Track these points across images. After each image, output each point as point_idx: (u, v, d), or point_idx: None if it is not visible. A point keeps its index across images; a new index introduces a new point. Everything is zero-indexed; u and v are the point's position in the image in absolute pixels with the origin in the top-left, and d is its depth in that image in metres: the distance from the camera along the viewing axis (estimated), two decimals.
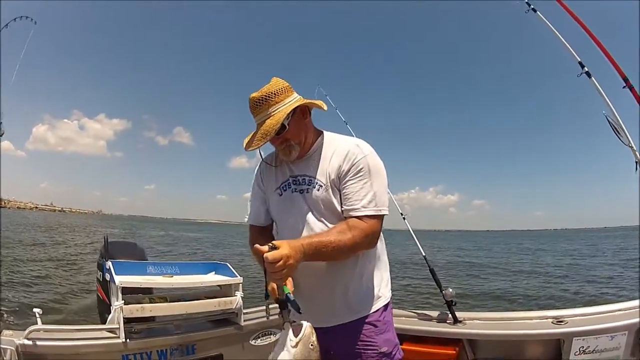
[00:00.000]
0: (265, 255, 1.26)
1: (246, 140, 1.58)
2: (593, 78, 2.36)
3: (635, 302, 2.30)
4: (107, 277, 2.45)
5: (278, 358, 1.23)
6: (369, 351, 1.60)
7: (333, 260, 1.50)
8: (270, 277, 1.31)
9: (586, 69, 2.39)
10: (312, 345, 1.23)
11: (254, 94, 1.52)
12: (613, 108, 2.25)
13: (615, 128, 2.22)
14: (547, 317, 2.40)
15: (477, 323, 2.52)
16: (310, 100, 1.59)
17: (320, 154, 1.63)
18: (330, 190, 1.56)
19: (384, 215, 1.55)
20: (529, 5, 2.70)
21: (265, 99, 1.51)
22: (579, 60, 2.41)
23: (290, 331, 1.25)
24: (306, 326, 1.25)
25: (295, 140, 1.57)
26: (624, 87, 2.23)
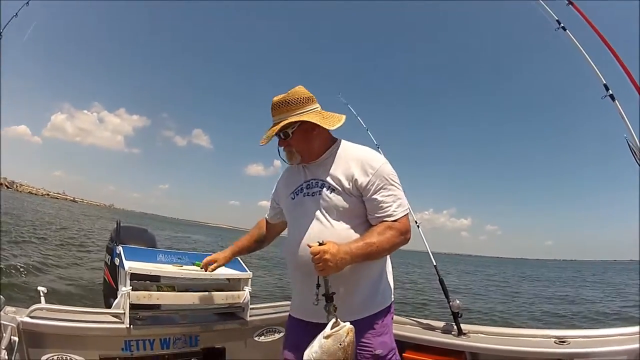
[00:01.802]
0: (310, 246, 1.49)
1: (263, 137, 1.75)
2: (617, 101, 2.35)
3: (636, 328, 2.28)
4: (117, 261, 2.47)
5: (312, 344, 1.39)
6: (363, 352, 1.66)
7: (373, 260, 1.66)
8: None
9: (610, 91, 2.37)
10: (340, 343, 1.33)
11: (275, 97, 1.72)
12: (634, 132, 2.24)
13: (635, 152, 2.20)
14: (550, 337, 2.37)
15: (481, 337, 2.51)
16: (318, 120, 1.70)
17: (333, 160, 1.76)
18: (341, 194, 1.69)
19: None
20: (559, 23, 2.70)
21: (281, 104, 1.71)
22: (604, 82, 2.40)
23: (330, 324, 1.38)
24: (344, 325, 1.38)
25: (296, 148, 1.74)
26: None
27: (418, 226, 3.03)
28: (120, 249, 2.44)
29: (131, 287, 2.22)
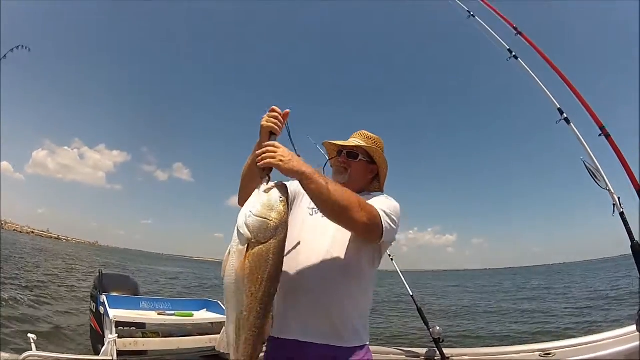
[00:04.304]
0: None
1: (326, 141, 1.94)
2: (572, 124, 2.45)
3: (620, 331, 2.31)
4: (102, 310, 2.47)
5: (249, 201, 1.36)
6: None
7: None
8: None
9: (565, 115, 2.48)
10: (282, 196, 1.36)
11: (368, 133, 1.94)
12: (592, 154, 2.33)
13: (593, 173, 2.27)
14: (534, 351, 2.41)
15: (465, 359, 2.55)
16: (384, 174, 1.92)
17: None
18: None
19: (383, 226, 1.56)
20: (511, 52, 2.82)
21: (370, 138, 1.91)
22: (559, 106, 2.51)
23: (264, 183, 1.40)
24: (282, 183, 1.42)
25: (352, 172, 1.83)
26: (599, 135, 2.32)
27: (392, 259, 3.07)
28: (104, 297, 2.45)
29: (117, 335, 2.23)
